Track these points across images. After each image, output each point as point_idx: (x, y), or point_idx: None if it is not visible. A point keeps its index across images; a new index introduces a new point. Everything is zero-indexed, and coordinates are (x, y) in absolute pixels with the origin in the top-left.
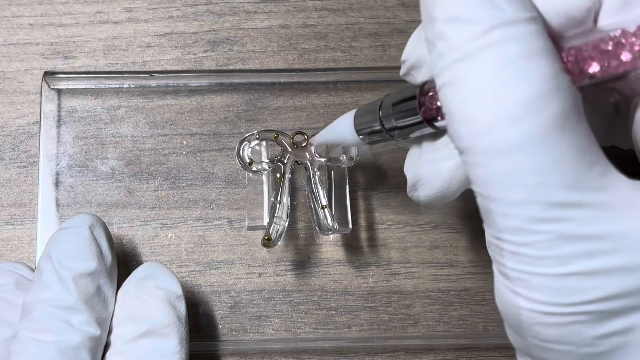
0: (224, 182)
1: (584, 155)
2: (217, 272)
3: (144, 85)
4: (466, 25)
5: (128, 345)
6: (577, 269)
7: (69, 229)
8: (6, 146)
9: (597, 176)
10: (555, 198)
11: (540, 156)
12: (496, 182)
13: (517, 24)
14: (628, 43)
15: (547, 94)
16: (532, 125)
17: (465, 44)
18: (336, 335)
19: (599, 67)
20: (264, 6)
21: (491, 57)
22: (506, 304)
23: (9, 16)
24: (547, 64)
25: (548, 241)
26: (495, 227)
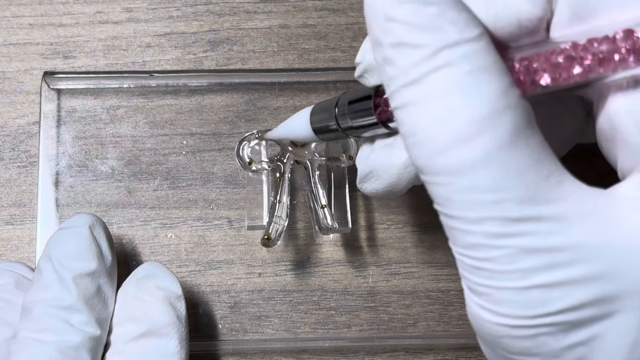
0: (224, 182)
1: (539, 168)
2: (217, 272)
3: (144, 85)
4: (412, 49)
5: (128, 345)
6: (540, 282)
7: (69, 229)
8: (6, 146)
9: (554, 187)
10: (513, 213)
11: (496, 173)
12: (455, 200)
13: (462, 45)
14: (578, 57)
15: (497, 112)
16: (485, 144)
17: (413, 69)
18: (336, 335)
19: (550, 79)
20: (264, 6)
21: (439, 80)
22: (475, 318)
23: (9, 16)
24: (495, 81)
25: (509, 255)
26: (458, 244)
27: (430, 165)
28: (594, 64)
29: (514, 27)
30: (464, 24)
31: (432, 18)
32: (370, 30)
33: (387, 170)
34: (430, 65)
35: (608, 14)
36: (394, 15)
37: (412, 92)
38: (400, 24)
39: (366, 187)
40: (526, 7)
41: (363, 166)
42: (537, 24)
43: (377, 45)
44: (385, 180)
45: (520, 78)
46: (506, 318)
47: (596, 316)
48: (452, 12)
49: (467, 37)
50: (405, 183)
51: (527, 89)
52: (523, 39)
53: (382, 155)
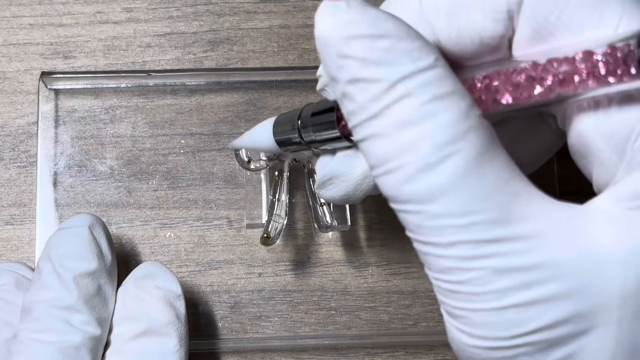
0: (224, 182)
1: (507, 187)
2: (217, 272)
3: (143, 85)
4: (369, 84)
5: (127, 344)
6: (514, 301)
7: (69, 229)
8: (6, 146)
9: (523, 206)
10: (484, 235)
11: (464, 197)
12: (425, 227)
13: (418, 74)
14: (539, 77)
15: (459, 136)
16: (449, 169)
17: (372, 103)
18: (336, 335)
19: (511, 98)
20: (264, 6)
21: (399, 112)
22: (455, 342)
23: (9, 16)
24: (455, 106)
25: (483, 277)
26: (433, 269)
27: (398, 195)
28: (554, 85)
29: (476, 45)
30: (417, 54)
31: (385, 52)
32: (324, 65)
33: (345, 179)
34: (389, 98)
35: (568, 34)
36: (346, 52)
37: (374, 125)
38: (354, 60)
39: (323, 193)
40: (488, 25)
41: (322, 173)
42: (499, 42)
43: (333, 81)
44: (342, 189)
45: (481, 97)
46: (484, 340)
47: (573, 333)
48: (404, 42)
49: (423, 65)
50: (362, 193)
51: (489, 107)
52: (485, 57)
53: (341, 164)
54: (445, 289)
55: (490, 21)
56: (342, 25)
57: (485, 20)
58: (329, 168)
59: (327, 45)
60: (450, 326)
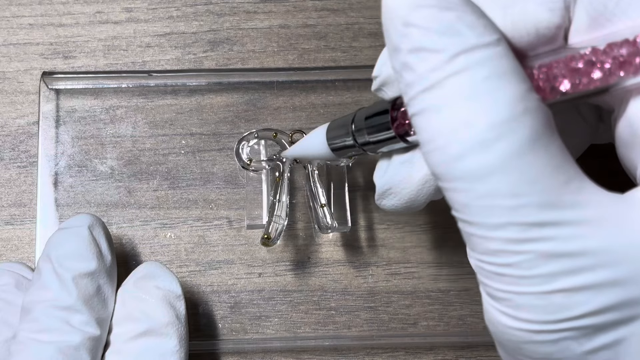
0: (224, 182)
1: (559, 173)
2: (217, 272)
3: (143, 85)
4: (430, 54)
5: (127, 345)
6: (562, 286)
7: (69, 229)
8: (6, 146)
9: (573, 193)
10: (533, 218)
11: (515, 178)
12: (474, 206)
13: (480, 49)
14: (599, 61)
15: (516, 116)
16: (504, 149)
17: (431, 73)
18: (336, 335)
19: (570, 85)
20: (264, 6)
21: (458, 85)
22: (495, 324)
23: (9, 16)
24: (514, 86)
25: (530, 261)
26: (478, 250)
27: (448, 172)
28: (614, 68)
29: (532, 36)
30: (482, 29)
31: (451, 22)
32: (387, 37)
33: (405, 186)
34: (449, 69)
35: (626, 19)
36: (411, 20)
37: (430, 97)
38: (418, 28)
39: (385, 203)
40: (544, 15)
41: (381, 183)
42: (555, 32)
43: (394, 51)
44: (404, 197)
45: (539, 85)
46: (528, 323)
47: (620, 320)
48: (471, 17)
49: (486, 41)
50: (425, 198)
51: (547, 96)
52: (541, 47)
53: (400, 171)
54: (490, 271)
55: (546, 11)
56: None
57: (541, 11)
58: (387, 177)
59: (393, 13)
60: (491, 308)
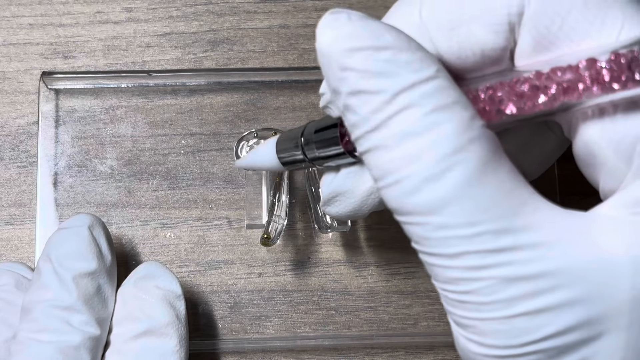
0: (224, 182)
1: (512, 197)
2: (217, 272)
3: (143, 85)
4: (370, 96)
5: (127, 344)
6: (523, 310)
7: (68, 229)
8: (6, 146)
9: (527, 215)
10: (490, 245)
11: (468, 208)
12: (431, 238)
13: (419, 85)
14: (542, 86)
15: (462, 147)
16: (454, 180)
17: (374, 115)
18: (336, 335)
19: (515, 108)
20: (264, 6)
21: (401, 123)
22: (464, 351)
23: (9, 16)
24: (457, 116)
25: (490, 287)
26: (440, 280)
27: (402, 206)
28: (558, 93)
29: (477, 57)
30: (419, 65)
31: (386, 63)
32: (326, 79)
33: (350, 196)
34: (391, 109)
35: (570, 43)
36: (348, 65)
37: (376, 137)
38: (355, 72)
39: (330, 210)
40: (489, 37)
41: (327, 191)
42: (501, 54)
43: (335, 93)
44: (348, 206)
45: (485, 107)
46: (494, 349)
47: (583, 340)
48: (406, 54)
49: (424, 76)
50: (368, 209)
51: (493, 118)
52: (487, 69)
53: (346, 181)
54: (453, 299)
55: (492, 33)
56: (343, 38)
57: (486, 33)
58: (334, 186)
59: (329, 58)
60: (459, 335)
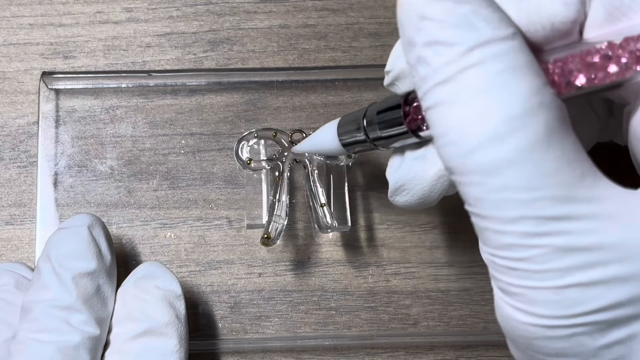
0: (224, 182)
1: (574, 167)
2: (217, 272)
3: (143, 85)
4: (446, 47)
5: (127, 344)
6: (576, 281)
7: (68, 229)
8: (6, 146)
9: (588, 187)
10: (548, 212)
11: (530, 172)
12: (487, 200)
13: (495, 42)
14: (615, 55)
15: (531, 110)
16: (518, 142)
17: (447, 67)
18: (336, 335)
19: (585, 79)
20: (264, 6)
21: (473, 78)
22: (507, 320)
23: (9, 16)
24: (529, 80)
25: (544, 255)
26: (491, 245)
27: (462, 165)
28: (631, 62)
29: (547, 30)
30: (497, 23)
31: (466, 16)
32: (402, 31)
33: (419, 182)
34: (464, 63)
35: None
36: (427, 14)
37: (445, 90)
38: (434, 22)
39: (398, 200)
40: (559, 9)
41: (394, 179)
42: (571, 27)
43: (409, 45)
44: (417, 193)
45: (554, 79)
46: (542, 318)
47: (634, 315)
48: (486, 10)
49: (501, 35)
50: (438, 194)
51: (562, 91)
52: (556, 42)
53: (413, 167)
54: (503, 266)
55: (562, 5)
56: None
57: (556, 5)
58: (400, 174)
59: (408, 7)
60: (504, 303)
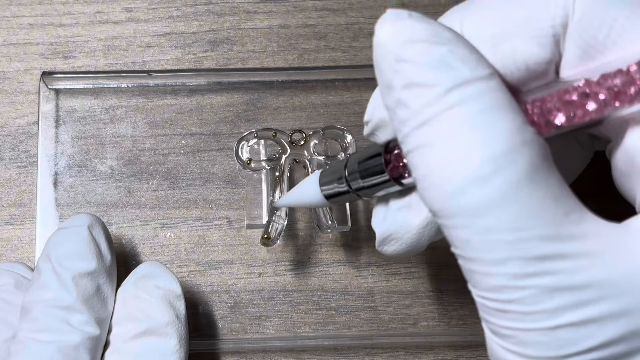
0: (224, 182)
1: (559, 204)
2: (217, 272)
3: (143, 85)
4: (424, 89)
5: (127, 344)
6: (567, 321)
7: (68, 229)
8: (6, 146)
9: (574, 224)
10: (535, 252)
11: (515, 212)
12: (474, 242)
13: (474, 83)
14: (592, 92)
15: (513, 149)
16: (502, 183)
17: (426, 109)
18: (336, 335)
19: (565, 118)
20: (264, 6)
21: (453, 119)
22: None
23: (9, 16)
24: (509, 119)
25: (534, 296)
26: (480, 287)
27: (446, 208)
28: (609, 98)
29: (522, 72)
30: (475, 63)
31: (443, 57)
32: (380, 74)
33: (406, 232)
34: (443, 104)
35: (617, 50)
36: (404, 56)
37: (425, 132)
38: (411, 64)
39: (387, 249)
40: (534, 51)
41: (381, 230)
42: (546, 67)
43: (387, 88)
44: (405, 242)
45: (534, 119)
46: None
47: (627, 352)
48: (463, 51)
49: (479, 75)
50: (427, 241)
51: (543, 130)
52: (533, 82)
53: (398, 217)
54: (493, 308)
55: (536, 47)
56: (403, 30)
57: (530, 47)
58: (387, 224)
59: (385, 50)
60: (495, 345)
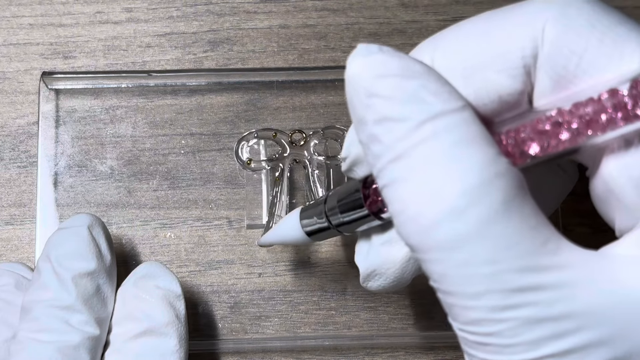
0: (224, 182)
1: (535, 235)
2: (217, 272)
3: (143, 85)
4: (396, 123)
5: (127, 344)
6: (547, 352)
7: (68, 229)
8: (6, 146)
9: (551, 254)
10: (513, 284)
11: (491, 245)
12: (451, 276)
13: (446, 115)
14: (565, 121)
15: (487, 181)
16: (477, 216)
17: (398, 143)
18: (336, 335)
19: (539, 148)
20: (264, 6)
21: (426, 152)
22: None
23: (9, 16)
24: (482, 151)
25: (513, 328)
26: (459, 320)
27: (422, 242)
28: (581, 127)
29: (495, 103)
30: (447, 96)
31: (415, 91)
32: (352, 109)
33: (390, 266)
34: (416, 138)
35: (589, 78)
36: (375, 90)
37: (399, 167)
38: (383, 98)
39: (371, 285)
40: (505, 82)
41: (364, 266)
42: (519, 98)
43: (360, 123)
44: (390, 277)
45: (508, 150)
46: None
47: None
48: (435, 84)
49: (451, 107)
50: (411, 275)
51: (517, 161)
52: (506, 113)
53: (381, 252)
54: (473, 341)
55: (508, 78)
56: (374, 64)
57: (502, 79)
58: (370, 260)
59: (357, 85)
60: None
